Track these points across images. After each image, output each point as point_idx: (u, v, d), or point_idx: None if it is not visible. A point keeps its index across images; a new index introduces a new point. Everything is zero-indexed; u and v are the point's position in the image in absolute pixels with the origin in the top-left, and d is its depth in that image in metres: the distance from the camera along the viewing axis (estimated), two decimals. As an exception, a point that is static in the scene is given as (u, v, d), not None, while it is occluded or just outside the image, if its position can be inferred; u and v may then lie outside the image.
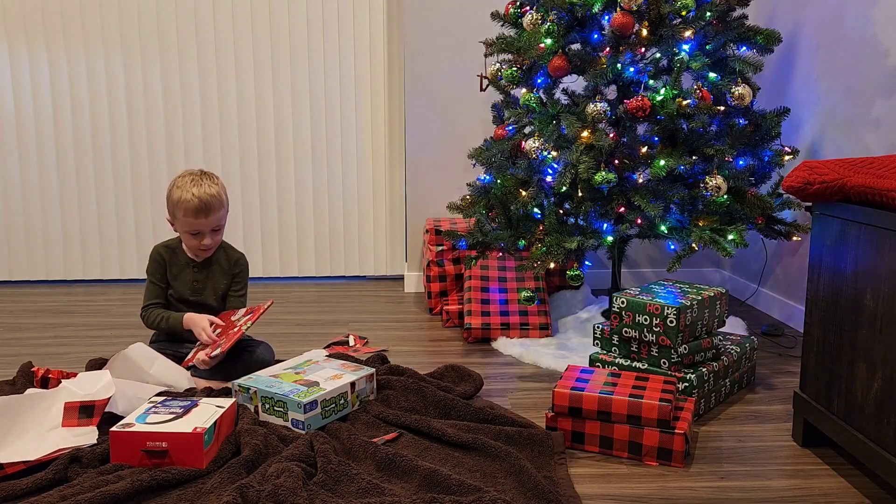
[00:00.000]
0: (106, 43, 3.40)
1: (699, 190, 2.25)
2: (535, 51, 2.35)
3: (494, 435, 1.76)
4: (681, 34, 2.24)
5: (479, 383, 2.11)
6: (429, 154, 3.34)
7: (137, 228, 3.53)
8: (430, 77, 3.28)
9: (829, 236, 1.65)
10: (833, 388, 1.65)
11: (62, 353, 2.50)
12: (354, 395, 1.93)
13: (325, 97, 3.50)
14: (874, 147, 2.33)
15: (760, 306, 3.03)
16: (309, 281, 3.64)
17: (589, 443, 1.76)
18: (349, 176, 3.58)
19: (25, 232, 3.53)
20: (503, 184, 2.46)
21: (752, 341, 2.20)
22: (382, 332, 2.77)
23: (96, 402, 1.77)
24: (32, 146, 3.46)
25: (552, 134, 2.32)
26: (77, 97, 3.43)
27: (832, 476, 1.65)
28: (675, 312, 1.90)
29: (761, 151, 2.44)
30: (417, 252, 3.42)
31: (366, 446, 1.69)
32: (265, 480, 1.51)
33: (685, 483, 1.62)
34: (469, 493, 1.48)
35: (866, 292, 1.52)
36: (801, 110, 2.74)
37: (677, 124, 2.26)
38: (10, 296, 3.35)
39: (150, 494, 1.52)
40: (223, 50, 3.43)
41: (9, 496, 1.50)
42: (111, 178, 3.51)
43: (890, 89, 2.26)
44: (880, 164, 1.56)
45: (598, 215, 2.31)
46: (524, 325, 2.64)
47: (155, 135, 3.49)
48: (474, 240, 2.51)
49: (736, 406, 2.05)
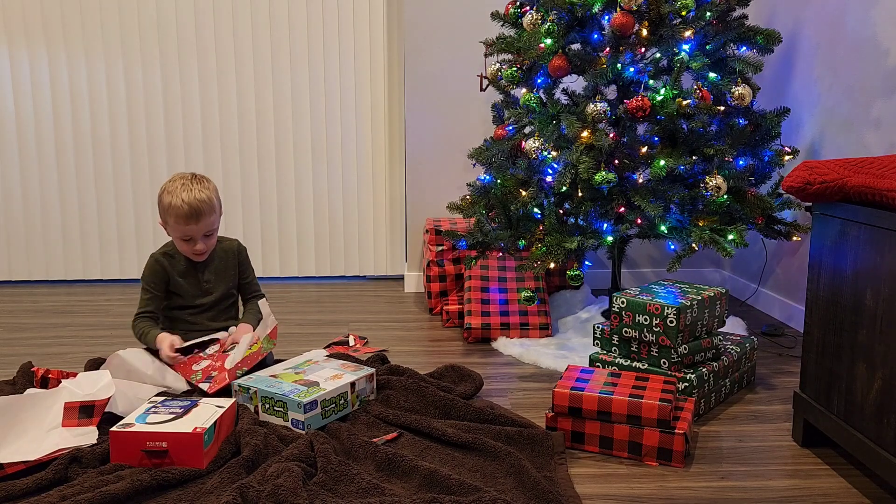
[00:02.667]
0: (106, 43, 3.40)
1: (699, 190, 2.25)
2: (535, 51, 2.35)
3: (494, 435, 1.76)
4: (681, 34, 2.24)
5: (479, 383, 2.11)
6: (429, 154, 3.34)
7: (137, 228, 3.53)
8: (430, 77, 3.28)
9: (829, 236, 1.65)
10: (833, 388, 1.65)
11: (62, 353, 2.50)
12: (354, 395, 1.93)
13: (325, 97, 3.50)
14: (874, 147, 2.33)
15: (760, 306, 3.03)
16: (309, 281, 3.64)
17: (589, 443, 1.76)
18: (349, 176, 3.58)
19: (25, 232, 3.53)
20: (503, 184, 2.46)
21: (752, 341, 2.20)
22: (382, 332, 2.77)
23: (96, 402, 1.77)
24: (32, 146, 3.46)
25: (552, 134, 2.32)
26: (77, 97, 3.44)
27: (832, 476, 1.65)
28: (675, 312, 1.90)
29: (761, 151, 2.44)
30: (417, 252, 3.42)
31: (366, 446, 1.69)
32: (265, 480, 1.51)
33: (685, 483, 1.62)
34: (469, 493, 1.48)
35: (866, 292, 1.52)
36: (801, 110, 2.74)
37: (677, 124, 2.26)
38: (10, 296, 3.35)
39: (150, 494, 1.52)
40: (223, 50, 3.43)
41: (9, 496, 1.50)
42: (111, 178, 3.51)
43: (890, 89, 2.26)
44: (880, 164, 1.56)
45: (598, 215, 2.31)
46: (524, 325, 2.64)
47: (155, 135, 3.49)
48: (474, 240, 2.51)
49: (736, 406, 2.05)
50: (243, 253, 2.32)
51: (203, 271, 2.23)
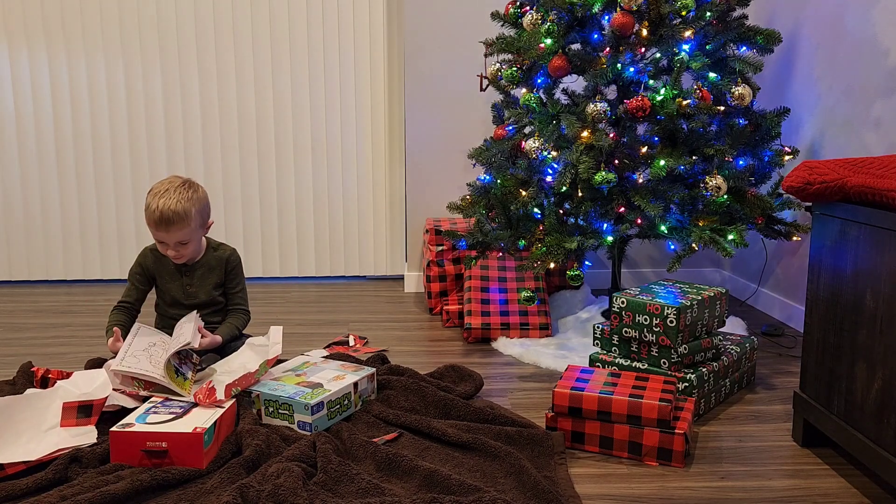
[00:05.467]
0: (106, 43, 3.40)
1: (699, 190, 2.25)
2: (535, 51, 2.35)
3: (494, 435, 1.76)
4: (681, 34, 2.24)
5: (479, 383, 2.11)
6: (429, 154, 3.34)
7: (137, 228, 3.53)
8: (430, 77, 3.28)
9: (829, 236, 1.65)
10: (833, 388, 1.65)
11: (62, 353, 2.50)
12: (357, 395, 1.93)
13: (325, 97, 3.50)
14: (874, 147, 2.33)
15: (760, 306, 3.03)
16: (309, 281, 3.64)
17: (589, 443, 1.76)
18: (349, 176, 3.58)
19: (25, 232, 3.53)
20: (503, 184, 2.46)
21: (752, 341, 2.20)
22: (382, 332, 2.77)
23: (94, 402, 1.77)
24: (32, 146, 3.46)
25: (552, 134, 2.32)
26: (77, 97, 3.43)
27: (832, 476, 1.65)
28: (675, 312, 1.90)
29: (761, 151, 2.44)
30: (417, 252, 3.42)
31: (366, 446, 1.69)
32: (265, 480, 1.50)
33: (685, 483, 1.62)
34: (469, 493, 1.48)
35: (866, 292, 1.52)
36: (801, 110, 2.74)
37: (677, 124, 2.26)
38: (10, 296, 3.34)
39: (150, 494, 1.52)
40: (223, 50, 3.43)
41: (9, 496, 1.50)
42: (111, 178, 3.51)
43: (890, 89, 2.26)
44: (880, 164, 1.56)
45: (598, 215, 2.31)
46: (524, 325, 2.64)
47: (155, 134, 3.49)
48: (474, 240, 2.51)
49: (736, 406, 2.05)
50: (233, 263, 2.25)
51: (188, 275, 2.21)
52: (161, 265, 2.20)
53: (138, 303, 2.23)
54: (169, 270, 2.20)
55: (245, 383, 1.85)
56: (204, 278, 2.21)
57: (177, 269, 2.20)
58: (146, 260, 2.21)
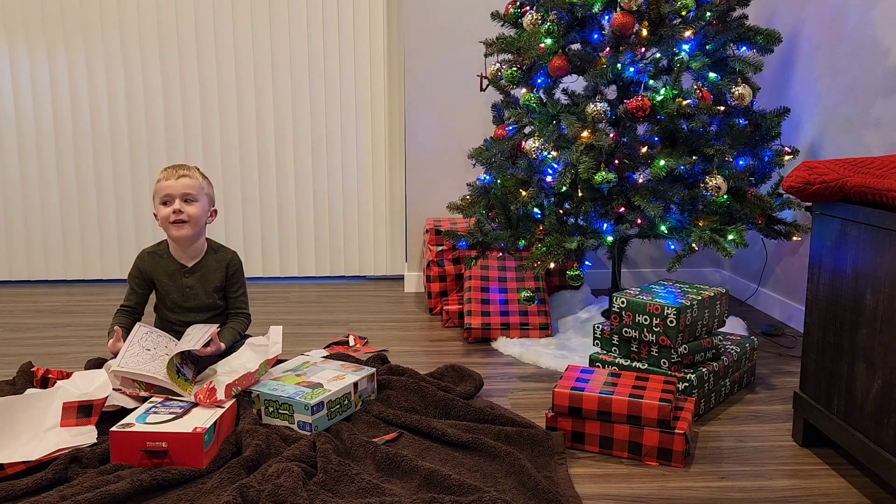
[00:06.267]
0: (106, 43, 3.40)
1: (699, 190, 2.25)
2: (535, 51, 2.35)
3: (494, 435, 1.76)
4: (681, 34, 2.24)
5: (479, 383, 2.11)
6: (429, 154, 3.34)
7: (137, 228, 3.53)
8: (430, 77, 3.28)
9: (829, 236, 1.65)
10: (833, 388, 1.65)
11: (62, 353, 2.50)
12: (357, 395, 1.93)
13: (325, 97, 3.50)
14: (874, 147, 2.33)
15: (760, 306, 3.03)
16: (309, 281, 3.64)
17: (589, 443, 1.76)
18: (349, 176, 3.58)
19: (25, 232, 3.53)
20: (503, 184, 2.46)
21: (752, 341, 2.20)
22: (382, 332, 2.77)
23: (94, 402, 1.77)
24: (32, 146, 3.46)
25: (552, 134, 2.32)
26: (77, 97, 3.44)
27: (832, 476, 1.65)
28: (675, 312, 1.90)
29: (761, 151, 2.44)
30: (417, 252, 3.42)
31: (366, 446, 1.69)
32: (265, 480, 1.50)
33: (685, 483, 1.62)
34: (469, 493, 1.48)
35: (866, 292, 1.52)
36: (801, 110, 2.74)
37: (677, 124, 2.26)
38: (10, 296, 3.35)
39: (150, 494, 1.52)
40: (223, 50, 3.43)
41: (9, 496, 1.50)
42: (111, 178, 3.51)
43: (890, 89, 2.26)
44: (880, 164, 1.56)
45: (598, 215, 2.31)
46: (524, 325, 2.64)
47: (155, 135, 3.49)
48: (474, 240, 2.50)
49: (736, 406, 2.05)
50: (234, 266, 2.24)
51: (187, 275, 2.20)
52: (158, 267, 2.19)
53: (140, 306, 2.23)
54: (167, 272, 2.19)
55: (245, 383, 1.85)
56: (203, 280, 2.20)
57: (175, 269, 2.19)
58: (143, 263, 2.20)
